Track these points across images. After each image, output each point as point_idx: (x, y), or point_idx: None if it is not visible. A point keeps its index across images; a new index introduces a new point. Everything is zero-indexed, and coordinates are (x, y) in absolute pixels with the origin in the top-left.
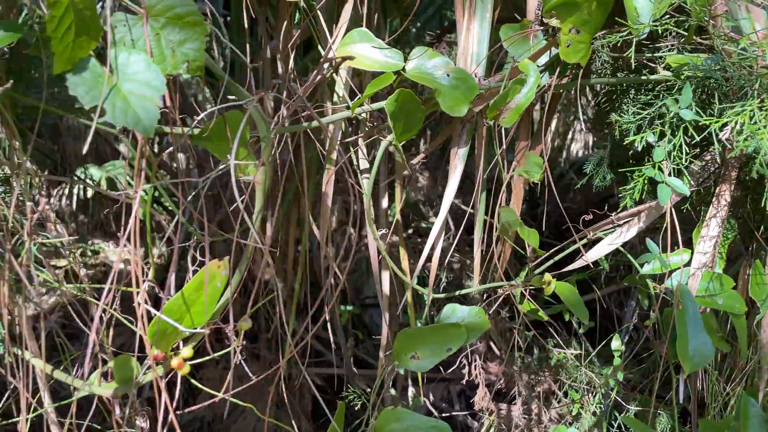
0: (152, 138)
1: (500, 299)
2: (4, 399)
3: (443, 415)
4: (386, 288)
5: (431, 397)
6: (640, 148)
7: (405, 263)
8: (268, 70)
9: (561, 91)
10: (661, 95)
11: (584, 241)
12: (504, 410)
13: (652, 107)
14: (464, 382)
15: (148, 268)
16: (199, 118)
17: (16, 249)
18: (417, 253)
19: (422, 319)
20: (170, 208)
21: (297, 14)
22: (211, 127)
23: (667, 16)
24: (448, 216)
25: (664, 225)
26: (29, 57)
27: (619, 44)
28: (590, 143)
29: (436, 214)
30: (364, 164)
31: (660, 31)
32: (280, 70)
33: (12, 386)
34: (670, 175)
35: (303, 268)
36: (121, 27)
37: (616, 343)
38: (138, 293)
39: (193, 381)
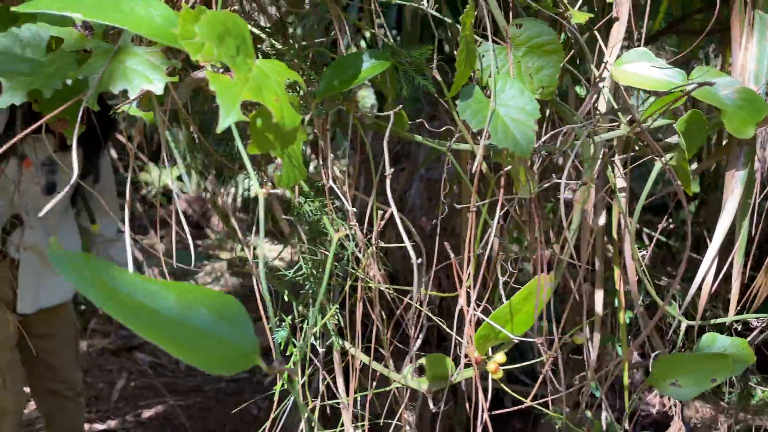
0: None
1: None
2: (305, 377)
3: None
4: (599, 307)
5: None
6: None
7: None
8: None
9: None
10: None
11: None
12: None
13: None
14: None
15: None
16: (562, 129)
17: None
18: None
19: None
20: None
21: None
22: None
23: None
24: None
25: None
26: None
27: None
28: None
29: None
30: (621, 183)
31: None
32: None
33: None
34: None
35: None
36: (487, 56)
37: None
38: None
39: (502, 385)
